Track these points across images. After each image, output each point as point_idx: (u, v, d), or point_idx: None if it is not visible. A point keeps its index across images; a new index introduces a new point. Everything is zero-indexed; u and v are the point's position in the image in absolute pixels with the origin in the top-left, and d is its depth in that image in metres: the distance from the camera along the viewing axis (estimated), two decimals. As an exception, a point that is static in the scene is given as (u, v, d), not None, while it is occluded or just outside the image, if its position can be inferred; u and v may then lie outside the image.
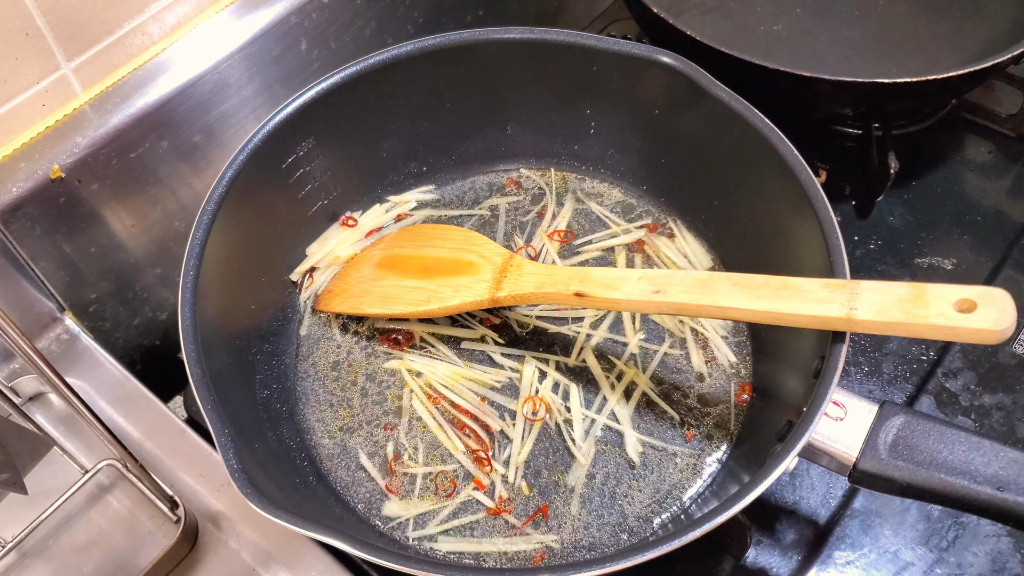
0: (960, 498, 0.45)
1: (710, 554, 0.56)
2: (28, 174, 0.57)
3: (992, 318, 0.42)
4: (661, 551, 0.43)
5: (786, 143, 0.57)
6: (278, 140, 0.61)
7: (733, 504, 0.44)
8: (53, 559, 0.53)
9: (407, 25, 0.76)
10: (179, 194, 0.65)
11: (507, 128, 0.71)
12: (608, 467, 0.57)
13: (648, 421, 0.59)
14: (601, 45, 0.63)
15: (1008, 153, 0.77)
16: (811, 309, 0.47)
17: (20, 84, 0.56)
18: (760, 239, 0.62)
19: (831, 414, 0.48)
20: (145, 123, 0.61)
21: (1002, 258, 0.70)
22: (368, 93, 0.64)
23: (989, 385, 0.63)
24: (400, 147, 0.69)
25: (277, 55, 0.67)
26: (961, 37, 0.78)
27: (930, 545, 0.57)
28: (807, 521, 0.58)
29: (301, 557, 0.52)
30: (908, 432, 0.47)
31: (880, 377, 0.64)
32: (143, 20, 0.61)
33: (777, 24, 0.81)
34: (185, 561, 0.53)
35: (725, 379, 0.61)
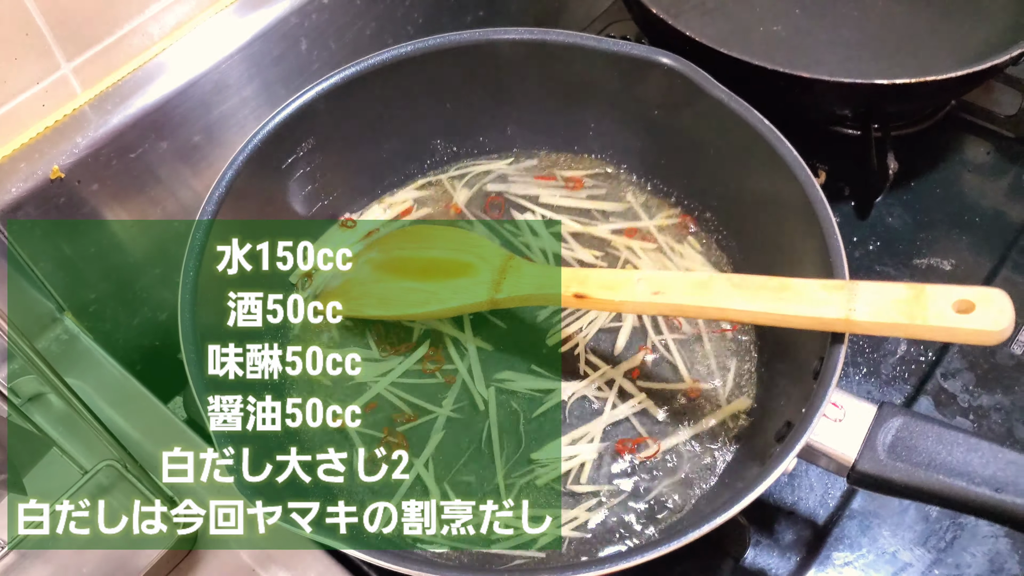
0: (958, 499, 0.45)
1: (710, 554, 0.56)
2: (28, 174, 0.57)
3: (991, 319, 0.43)
4: (661, 551, 0.43)
5: (785, 144, 0.57)
6: (278, 140, 0.61)
7: (732, 504, 0.44)
8: (53, 559, 0.53)
9: (407, 25, 0.76)
10: (179, 194, 0.65)
11: (507, 129, 0.71)
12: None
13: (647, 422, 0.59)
14: (601, 46, 0.63)
15: (1007, 154, 0.77)
16: (810, 310, 0.47)
17: (20, 84, 0.56)
18: (759, 240, 0.62)
19: (830, 415, 0.48)
20: (145, 123, 0.61)
21: (1001, 259, 0.70)
22: (368, 93, 0.64)
23: (988, 386, 0.63)
24: (400, 147, 0.69)
25: (277, 55, 0.67)
26: (960, 38, 0.78)
27: (928, 546, 0.57)
28: (806, 522, 0.58)
29: (301, 557, 0.52)
30: (907, 433, 0.47)
31: (878, 378, 0.64)
32: (143, 20, 0.61)
33: (777, 24, 0.81)
34: (185, 561, 0.53)
35: (725, 379, 0.61)
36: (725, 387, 0.60)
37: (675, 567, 0.55)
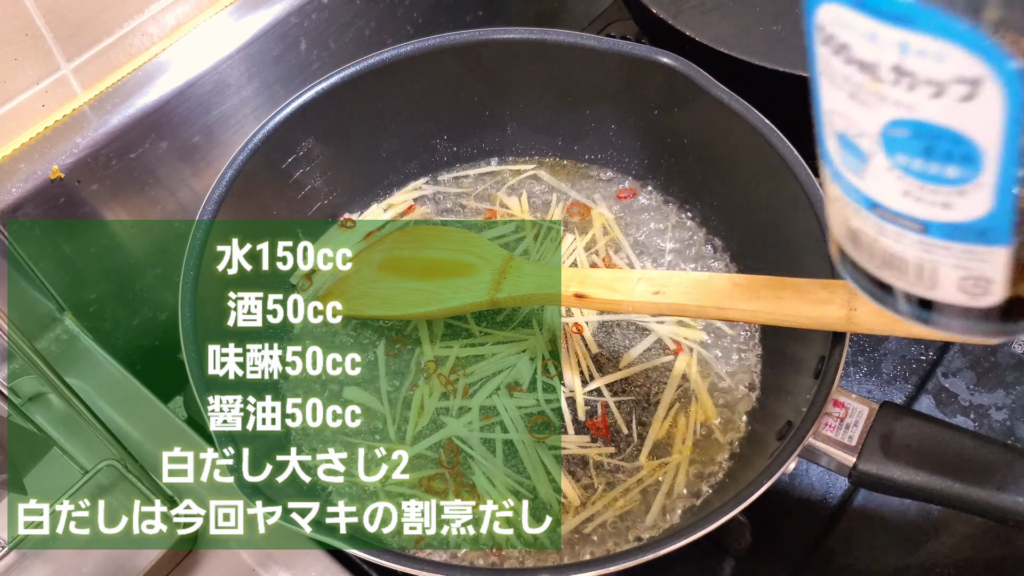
0: (960, 498, 0.45)
1: (710, 554, 0.56)
2: (28, 174, 0.57)
3: (991, 318, 0.42)
4: (661, 551, 0.43)
5: (786, 143, 0.57)
6: (278, 140, 0.61)
7: (733, 504, 0.44)
8: (53, 559, 0.53)
9: (407, 25, 0.76)
10: (179, 194, 0.65)
11: (507, 128, 0.71)
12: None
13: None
14: (601, 46, 0.63)
15: (1007, 153, 0.77)
16: (811, 310, 0.47)
17: (20, 84, 0.56)
18: (759, 239, 0.62)
19: (831, 414, 0.48)
20: (145, 123, 0.61)
21: (1001, 258, 0.70)
22: (368, 93, 0.64)
23: (989, 385, 0.63)
24: (400, 147, 0.69)
25: (277, 55, 0.67)
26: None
27: (929, 545, 0.57)
28: (807, 521, 0.58)
29: (301, 557, 0.52)
30: (908, 432, 0.47)
31: (879, 377, 0.64)
32: (143, 21, 0.61)
33: (777, 24, 0.81)
34: (185, 561, 0.53)
35: (723, 379, 0.61)
36: (726, 386, 0.60)
37: (675, 567, 0.55)
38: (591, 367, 0.60)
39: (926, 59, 0.24)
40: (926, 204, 0.27)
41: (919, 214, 0.27)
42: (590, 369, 0.60)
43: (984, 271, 0.28)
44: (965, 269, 0.28)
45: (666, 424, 0.58)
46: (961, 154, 0.25)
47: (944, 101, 0.24)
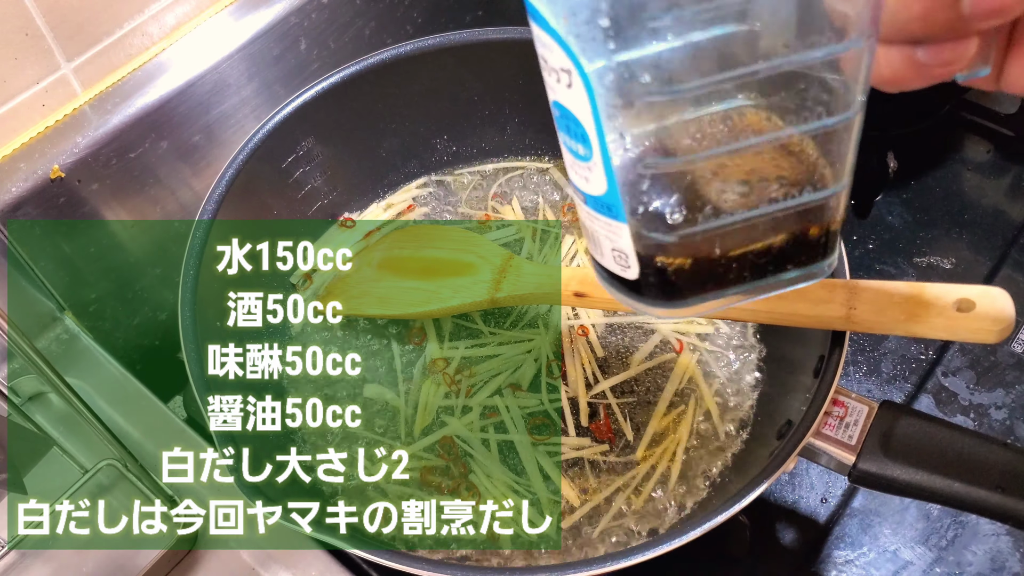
0: (960, 497, 0.45)
1: (710, 554, 0.56)
2: (28, 174, 0.57)
3: (991, 317, 0.42)
4: (660, 551, 0.43)
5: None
6: (278, 140, 0.61)
7: (733, 504, 0.44)
8: (53, 559, 0.53)
9: (406, 25, 0.76)
10: (179, 194, 0.65)
11: (507, 128, 0.71)
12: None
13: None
14: (600, 45, 0.63)
15: (1007, 153, 0.77)
16: (810, 309, 0.47)
17: (20, 84, 0.56)
18: (759, 239, 0.62)
19: (831, 413, 0.48)
20: (145, 123, 0.61)
21: (1001, 257, 0.70)
22: (368, 93, 0.64)
23: (988, 384, 0.63)
24: (399, 147, 0.69)
25: (277, 55, 0.67)
26: (960, 37, 0.78)
27: (929, 544, 0.57)
28: (806, 520, 0.58)
29: (301, 557, 0.52)
30: (907, 431, 0.47)
31: (879, 376, 0.64)
32: (143, 20, 0.61)
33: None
34: (185, 561, 0.53)
35: (723, 378, 0.61)
36: (726, 385, 0.60)
37: (675, 567, 0.55)
38: (596, 371, 0.60)
39: (546, 50, 0.28)
40: (580, 178, 0.32)
41: (580, 186, 0.32)
42: (595, 372, 0.60)
43: (620, 245, 0.33)
44: (611, 240, 0.33)
45: (665, 420, 0.58)
46: (580, 134, 0.30)
47: (561, 86, 0.29)
